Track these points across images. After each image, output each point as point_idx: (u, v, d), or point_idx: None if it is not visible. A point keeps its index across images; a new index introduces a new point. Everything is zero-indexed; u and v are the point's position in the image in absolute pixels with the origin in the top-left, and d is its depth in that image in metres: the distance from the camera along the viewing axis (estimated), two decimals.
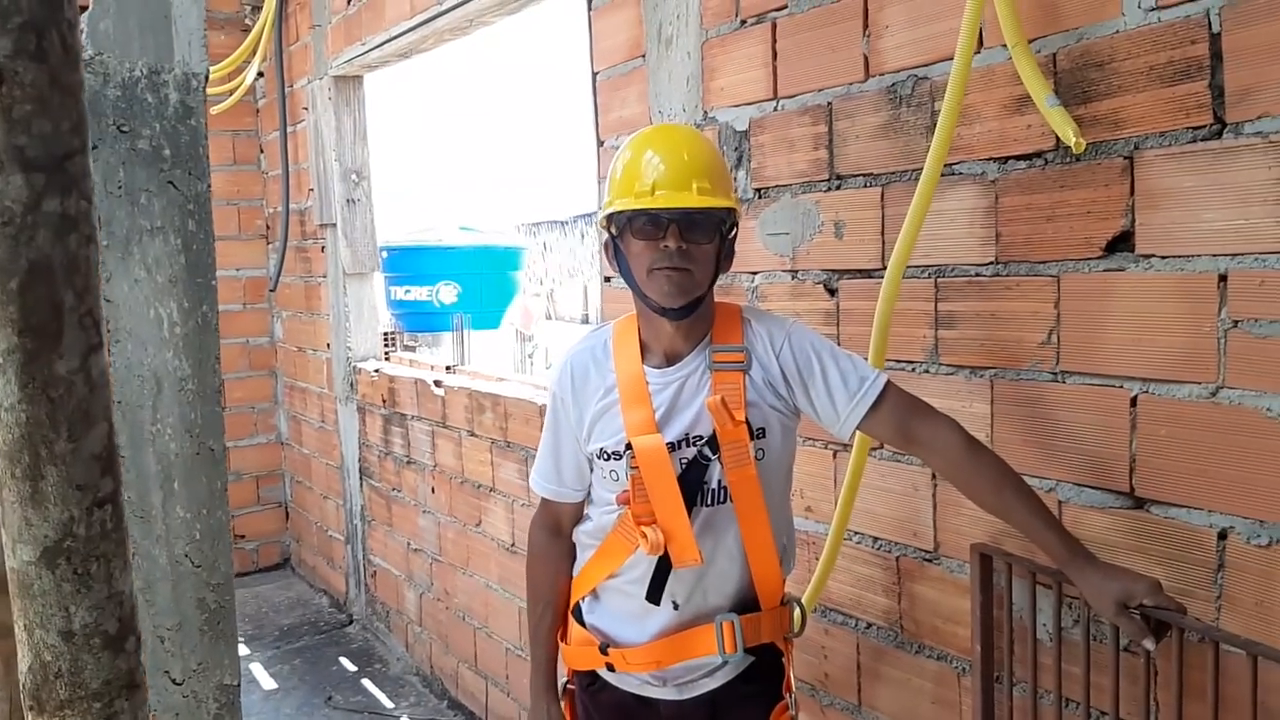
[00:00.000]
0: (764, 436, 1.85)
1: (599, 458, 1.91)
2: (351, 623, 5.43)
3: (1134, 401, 1.76)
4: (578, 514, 2.06)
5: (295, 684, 4.73)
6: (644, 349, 1.91)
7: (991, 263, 1.98)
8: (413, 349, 10.94)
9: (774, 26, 2.42)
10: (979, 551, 2.00)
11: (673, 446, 1.82)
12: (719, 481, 1.84)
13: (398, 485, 4.80)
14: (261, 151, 6.26)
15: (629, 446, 1.82)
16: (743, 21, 2.50)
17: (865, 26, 2.19)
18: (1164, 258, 1.70)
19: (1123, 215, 1.75)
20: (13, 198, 0.91)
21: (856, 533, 2.33)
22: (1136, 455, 1.77)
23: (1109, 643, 1.74)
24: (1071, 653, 1.84)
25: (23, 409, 0.93)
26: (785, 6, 2.37)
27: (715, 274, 1.86)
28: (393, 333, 6.29)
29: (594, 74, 3.10)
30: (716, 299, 1.92)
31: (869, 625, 2.34)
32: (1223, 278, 1.62)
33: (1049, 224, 1.87)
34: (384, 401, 4.85)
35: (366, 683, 4.72)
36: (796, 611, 2.03)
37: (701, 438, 1.84)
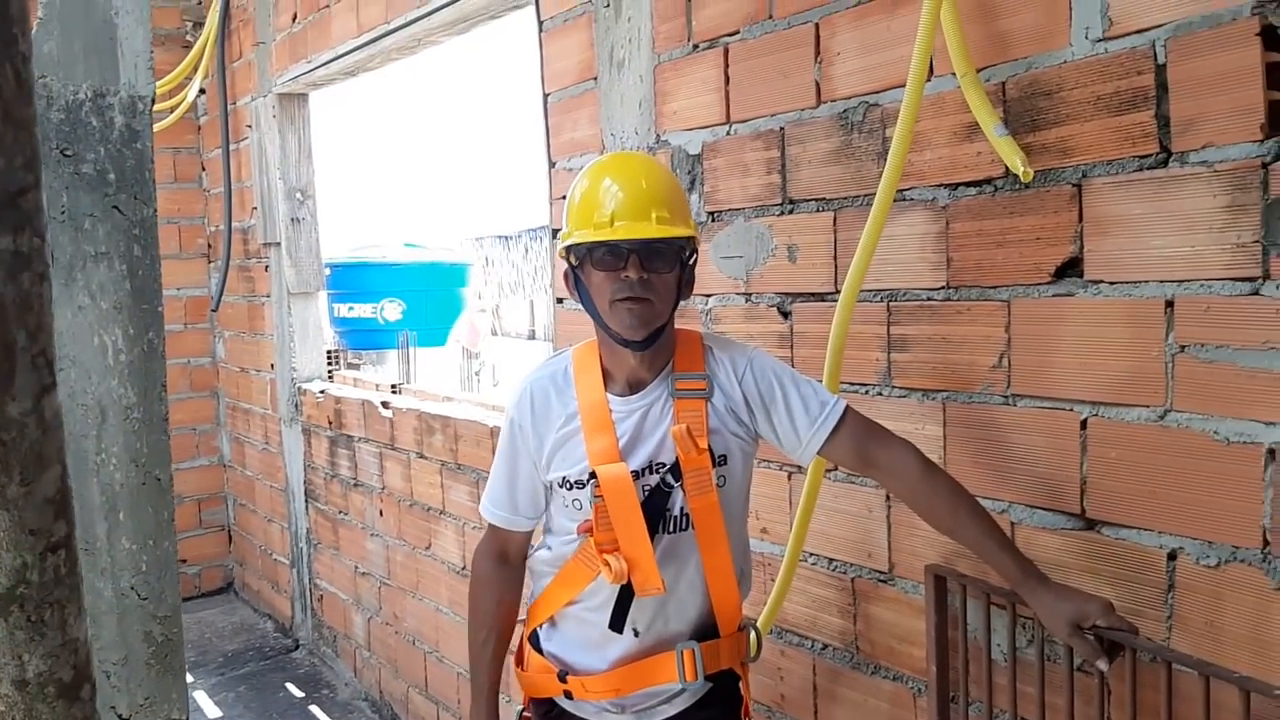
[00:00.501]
0: (725, 463, 1.86)
1: (560, 486, 1.89)
2: (298, 648, 5.35)
3: (1084, 424, 1.79)
4: (526, 542, 2.05)
5: (241, 711, 4.64)
6: (606, 376, 1.89)
7: (943, 287, 2.00)
8: (356, 367, 10.85)
9: (726, 51, 2.43)
10: (933, 572, 2.02)
11: (636, 475, 1.82)
12: (681, 509, 1.84)
13: (344, 508, 4.74)
14: (203, 169, 6.17)
15: (593, 475, 1.81)
16: (695, 46, 2.52)
17: (817, 53, 2.21)
18: (1112, 283, 1.73)
19: (1072, 241, 1.78)
20: None
21: (812, 554, 2.34)
22: (1087, 477, 1.79)
23: (1063, 663, 1.76)
24: (1026, 673, 1.86)
25: None
26: (738, 32, 2.39)
27: (676, 302, 1.86)
28: (336, 350, 6.24)
29: (545, 95, 3.09)
30: (675, 324, 1.92)
31: (825, 646, 2.35)
32: (1169, 303, 1.65)
33: (999, 249, 1.90)
34: (330, 423, 4.79)
35: (314, 709, 4.65)
36: (752, 636, 2.03)
37: (664, 465, 1.83)
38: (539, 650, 2.01)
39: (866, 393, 2.17)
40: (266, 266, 5.34)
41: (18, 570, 0.94)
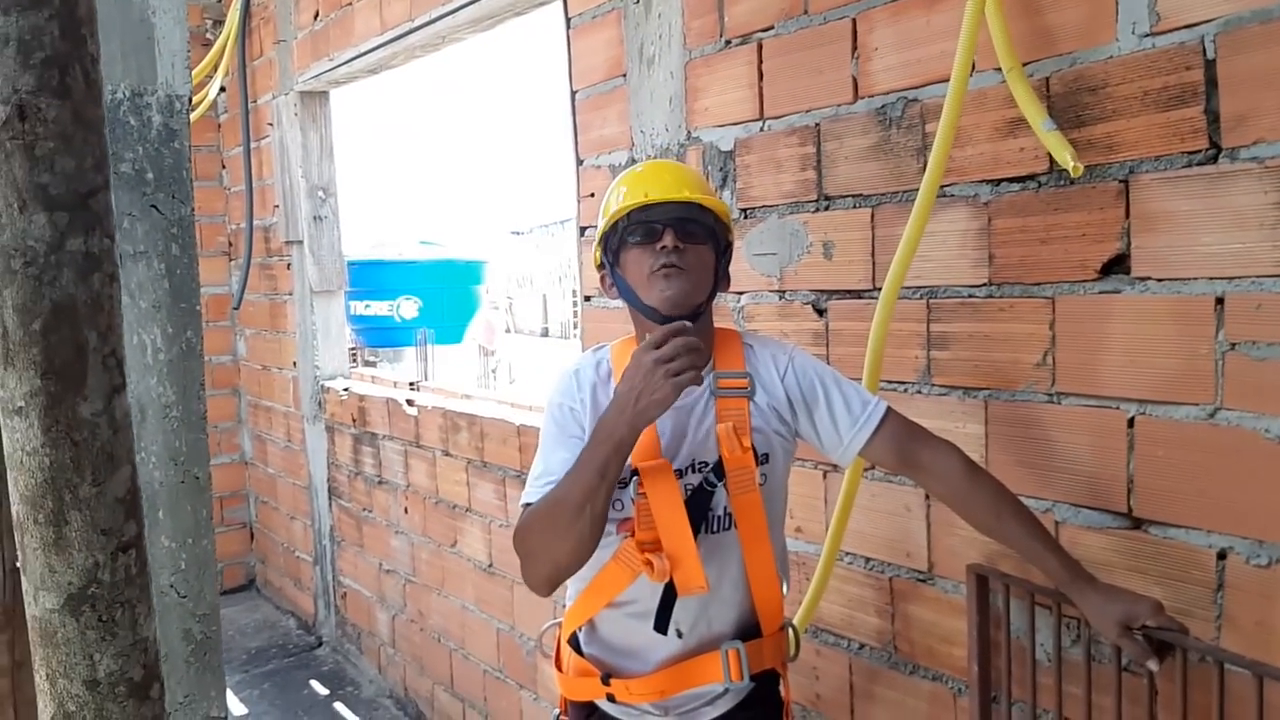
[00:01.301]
0: (767, 462, 1.84)
1: None
2: (321, 645, 5.36)
3: (1131, 423, 1.78)
4: None
5: (266, 708, 4.65)
6: None
7: (985, 284, 1.99)
8: (373, 364, 10.87)
9: (760, 47, 2.42)
10: (975, 572, 2.00)
11: (679, 473, 1.81)
12: (724, 508, 1.82)
13: (368, 505, 4.74)
14: (224, 167, 6.18)
15: (635, 473, 1.79)
16: (728, 42, 2.51)
17: (854, 48, 2.20)
18: (1160, 280, 1.71)
19: (1118, 238, 1.76)
20: (36, 237, 0.89)
21: (848, 553, 2.33)
22: (1134, 476, 1.78)
23: (1110, 663, 1.75)
24: (1072, 673, 1.85)
25: (46, 453, 0.91)
26: (772, 28, 2.38)
27: (714, 288, 1.86)
28: (353, 348, 6.24)
29: (573, 92, 3.09)
30: (714, 322, 1.91)
31: (861, 646, 2.34)
32: (1219, 300, 1.64)
33: (1043, 246, 1.88)
34: (354, 421, 4.79)
35: (339, 706, 4.65)
36: (791, 635, 2.02)
37: (707, 464, 1.82)
38: (579, 653, 1.99)
39: (905, 391, 2.16)
40: (288, 264, 5.34)
41: (89, 570, 0.94)
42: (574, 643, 2.00)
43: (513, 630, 3.69)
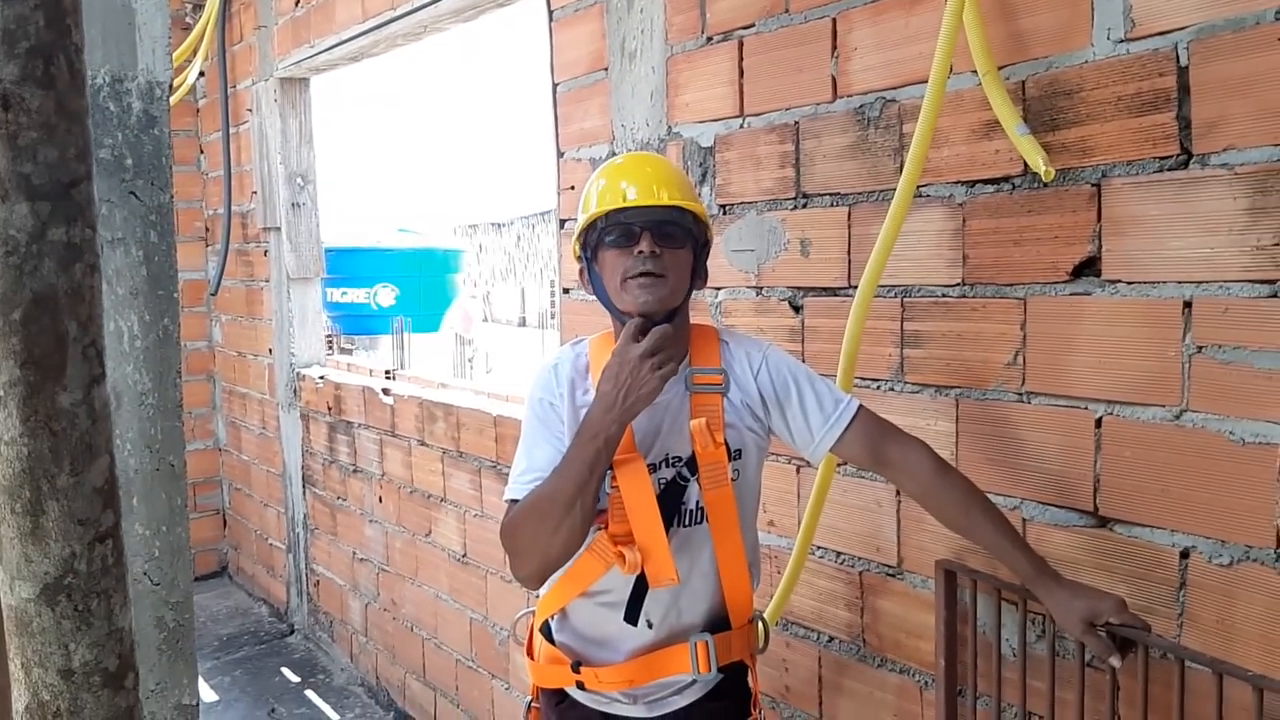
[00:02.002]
0: (740, 458, 1.86)
1: None
2: (293, 632, 5.35)
3: (1099, 423, 1.80)
4: None
5: (237, 695, 4.64)
6: None
7: (958, 284, 2.01)
8: (349, 351, 10.83)
9: (741, 44, 2.43)
10: (944, 567, 2.03)
11: (652, 468, 1.83)
12: (696, 502, 1.84)
13: (343, 494, 4.74)
14: (202, 152, 6.14)
15: (610, 468, 1.80)
16: (709, 38, 2.52)
17: (834, 48, 2.21)
18: (1130, 283, 1.74)
19: (1090, 241, 1.79)
20: (17, 226, 0.89)
21: (819, 547, 2.35)
22: (1101, 475, 1.81)
23: (1074, 658, 1.78)
24: (1036, 668, 1.88)
25: (24, 443, 0.91)
26: (753, 25, 2.39)
27: (690, 288, 1.86)
28: (329, 335, 6.22)
29: (554, 85, 3.09)
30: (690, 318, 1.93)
31: (831, 639, 2.36)
32: (1188, 304, 1.67)
33: (1016, 247, 1.91)
34: (329, 409, 4.79)
35: (310, 694, 4.65)
36: (760, 628, 2.04)
37: (680, 459, 1.84)
38: (550, 641, 2.01)
39: (879, 388, 2.18)
40: (265, 251, 5.32)
41: (66, 560, 0.95)
42: (545, 631, 2.01)
43: (485, 620, 3.70)
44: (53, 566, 0.93)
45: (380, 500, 4.40)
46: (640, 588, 1.85)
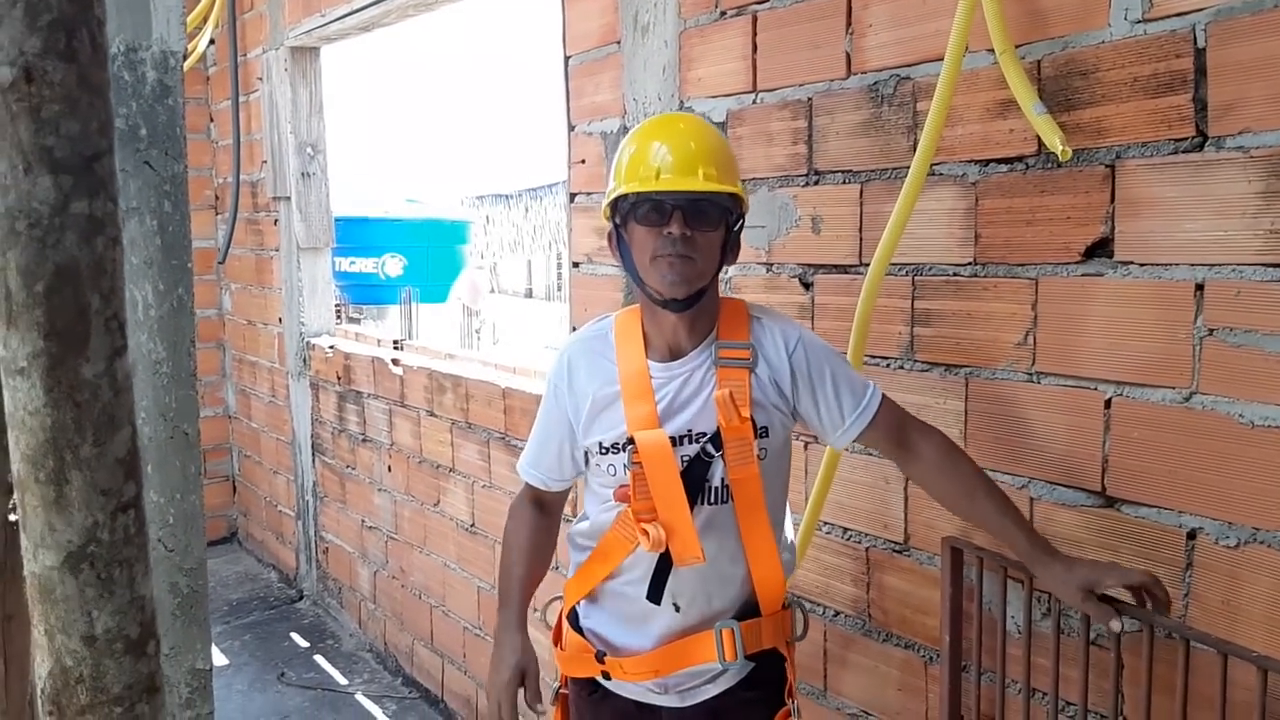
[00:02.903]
0: (766, 436, 1.83)
1: (598, 452, 1.88)
2: (302, 598, 5.39)
3: (1108, 404, 1.81)
4: (561, 501, 2.09)
5: (246, 660, 4.69)
6: (646, 343, 1.87)
7: (970, 263, 2.01)
8: (357, 321, 10.85)
9: (754, 19, 2.42)
10: (950, 544, 2.04)
11: (675, 442, 1.80)
12: (721, 480, 1.81)
13: (352, 463, 4.76)
14: (211, 120, 6.14)
15: (631, 440, 1.79)
16: (723, 13, 2.51)
17: (849, 24, 2.20)
18: (1142, 265, 1.74)
19: (1103, 222, 1.79)
20: (40, 199, 0.90)
21: (826, 523, 2.37)
22: (1109, 456, 1.82)
23: (1079, 636, 1.80)
24: (1040, 645, 1.90)
25: (48, 413, 0.92)
26: (767, 0, 2.38)
27: (720, 265, 1.84)
28: (337, 304, 6.23)
29: (566, 58, 3.08)
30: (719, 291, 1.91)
31: (837, 613, 2.38)
32: (1199, 287, 1.67)
33: (1028, 227, 1.91)
34: (339, 378, 4.80)
35: (319, 659, 4.70)
36: (798, 614, 2.00)
37: (705, 434, 1.81)
38: (577, 629, 2.00)
39: (889, 366, 2.18)
40: (275, 220, 5.33)
41: (89, 529, 0.96)
42: (573, 619, 2.00)
43: (493, 589, 3.72)
44: (76, 535, 0.94)
45: (389, 469, 4.42)
46: (664, 566, 1.82)
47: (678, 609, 1.87)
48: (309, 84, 5.09)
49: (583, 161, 3.04)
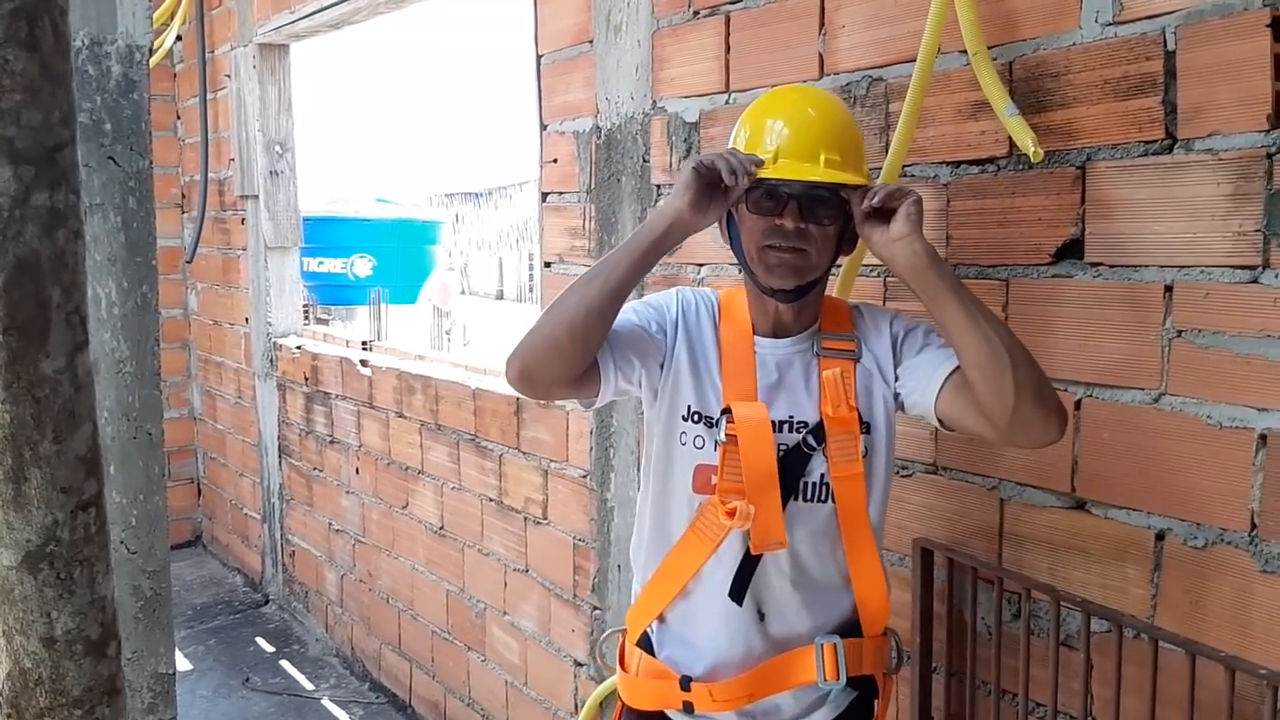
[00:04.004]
0: (869, 433, 1.72)
1: (684, 419, 1.71)
2: (268, 602, 5.34)
3: (1078, 405, 1.82)
4: (593, 379, 1.72)
5: (211, 665, 4.64)
6: (751, 322, 1.76)
7: None
8: (325, 322, 10.77)
9: (728, 19, 2.42)
10: (920, 546, 2.04)
11: (774, 428, 1.67)
12: (821, 476, 1.69)
13: (319, 465, 4.72)
14: (179, 118, 6.07)
15: (726, 411, 1.66)
16: (696, 13, 2.50)
17: (821, 25, 2.20)
18: (1112, 266, 1.75)
19: (1073, 223, 1.80)
20: (0, 190, 0.88)
21: None
22: (1079, 457, 1.82)
23: (1048, 637, 1.80)
24: (1010, 646, 1.90)
25: (6, 409, 0.90)
26: (740, 0, 2.38)
27: (835, 256, 1.74)
28: (305, 305, 6.19)
29: (538, 57, 3.07)
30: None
31: None
32: (1169, 288, 1.68)
33: (1000, 229, 1.91)
34: (306, 379, 4.76)
35: (285, 664, 4.65)
36: (893, 644, 1.82)
37: (806, 424, 1.69)
38: (651, 654, 1.80)
39: None
40: (243, 219, 5.28)
41: (48, 528, 0.94)
42: (645, 644, 1.82)
43: (462, 593, 3.71)
44: (35, 534, 0.92)
45: (357, 472, 4.39)
46: (747, 563, 1.69)
47: (762, 617, 1.72)
48: (278, 81, 5.05)
49: (554, 161, 3.03)
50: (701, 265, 2.53)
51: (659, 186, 2.65)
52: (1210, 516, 1.65)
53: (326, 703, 4.29)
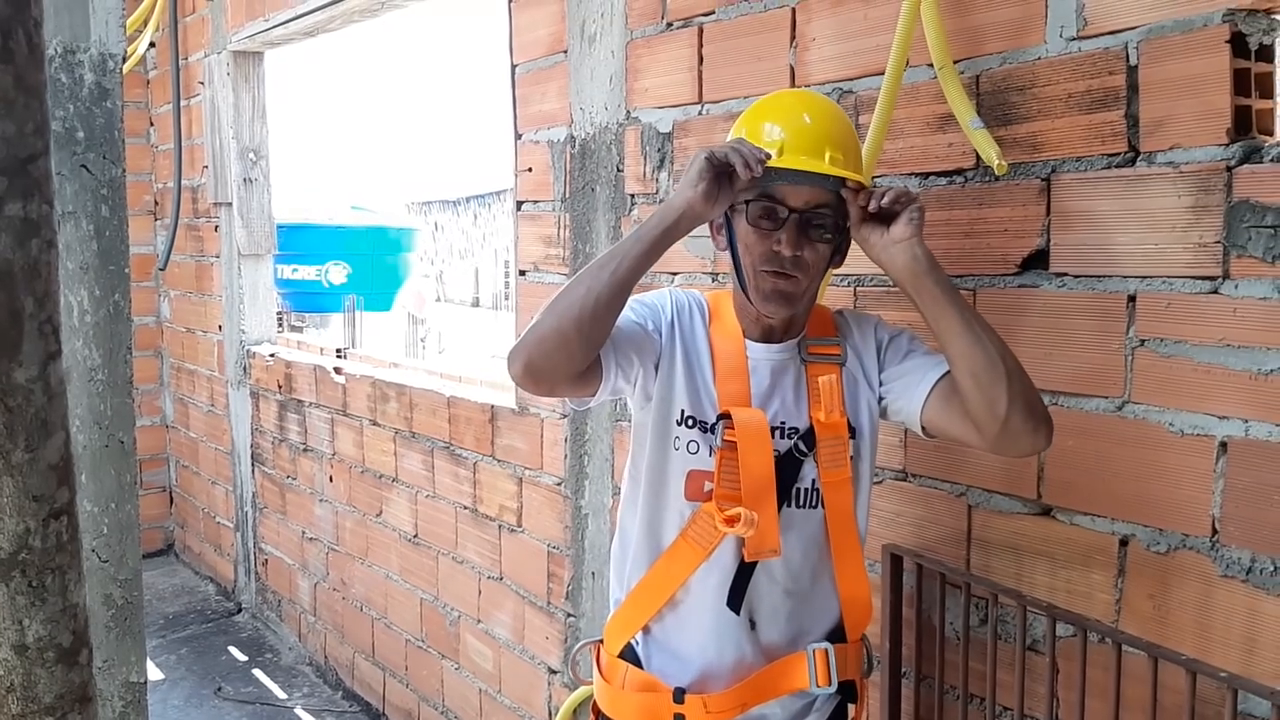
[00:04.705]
0: (856, 437, 1.74)
1: (678, 423, 1.71)
2: (240, 611, 5.31)
3: None
4: (593, 378, 1.69)
5: (183, 674, 4.61)
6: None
7: None
8: (299, 329, 10.73)
9: (700, 31, 2.44)
10: (890, 552, 2.07)
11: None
12: (813, 482, 1.70)
13: (293, 473, 4.71)
14: (152, 125, 6.05)
15: (724, 416, 1.65)
16: (669, 24, 2.52)
17: (793, 38, 2.23)
18: (1077, 277, 1.78)
19: (1039, 234, 1.83)
20: None
21: None
22: (1044, 464, 1.85)
23: (1015, 642, 1.83)
24: (978, 651, 1.92)
25: None
26: (713, 12, 2.40)
27: (825, 273, 1.76)
28: (279, 312, 6.17)
29: (513, 66, 3.09)
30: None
31: None
32: (1131, 299, 1.71)
33: (967, 239, 1.94)
34: (280, 387, 4.75)
35: (258, 673, 4.63)
36: (866, 648, 1.86)
37: (797, 430, 1.71)
38: (639, 666, 1.78)
39: None
40: (216, 227, 5.26)
41: (20, 536, 0.94)
42: (630, 656, 1.79)
43: (436, 600, 3.71)
44: (7, 542, 0.92)
45: (331, 480, 4.38)
46: (743, 570, 1.69)
47: (753, 625, 1.72)
48: (252, 89, 5.04)
49: (529, 169, 3.04)
50: (675, 274, 2.55)
51: (633, 196, 2.67)
52: (1172, 522, 1.68)
53: (299, 712, 4.28)
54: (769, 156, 1.61)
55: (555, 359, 1.61)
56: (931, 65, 1.91)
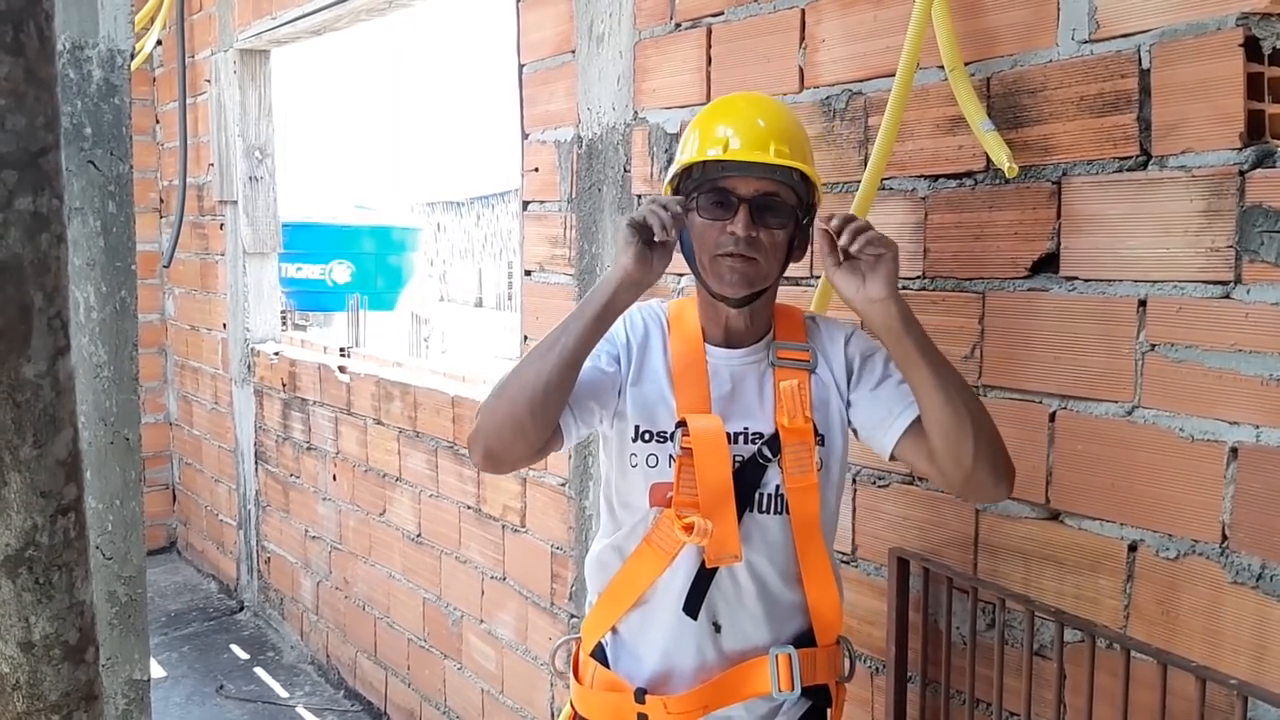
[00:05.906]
0: (824, 445, 1.72)
1: (635, 439, 1.71)
2: (243, 609, 5.31)
3: (1052, 417, 1.84)
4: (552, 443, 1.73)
5: (185, 672, 4.61)
6: (703, 330, 1.76)
7: (919, 277, 2.03)
8: (303, 328, 10.72)
9: (709, 32, 2.44)
10: (896, 556, 2.06)
11: (729, 439, 1.67)
12: (776, 488, 1.69)
13: (296, 471, 4.70)
14: (158, 122, 6.05)
15: (681, 424, 1.65)
16: (678, 25, 2.52)
17: (802, 39, 2.22)
18: (1087, 280, 1.77)
19: (1049, 238, 1.82)
20: None
21: None
22: (1053, 469, 1.84)
23: (1022, 647, 1.82)
24: (985, 656, 1.91)
25: None
26: (722, 13, 2.40)
27: (785, 264, 1.74)
28: (282, 310, 6.17)
29: (520, 66, 3.08)
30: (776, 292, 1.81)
31: None
32: (1142, 303, 1.70)
33: (977, 242, 1.93)
34: (284, 385, 4.75)
35: (259, 671, 4.63)
36: (846, 652, 1.84)
37: (761, 435, 1.70)
38: (607, 666, 1.80)
39: None
40: (221, 224, 5.26)
41: (27, 532, 0.94)
42: (600, 655, 1.81)
43: (439, 600, 3.70)
44: (14, 538, 0.92)
45: (334, 478, 4.38)
46: (703, 576, 1.69)
47: (718, 629, 1.72)
48: (258, 87, 5.04)
49: (536, 170, 3.04)
50: (682, 275, 2.54)
51: (639, 197, 2.66)
52: (1182, 528, 1.67)
53: (301, 710, 4.27)
54: (683, 205, 1.65)
55: (513, 445, 1.66)
56: (942, 67, 1.90)
